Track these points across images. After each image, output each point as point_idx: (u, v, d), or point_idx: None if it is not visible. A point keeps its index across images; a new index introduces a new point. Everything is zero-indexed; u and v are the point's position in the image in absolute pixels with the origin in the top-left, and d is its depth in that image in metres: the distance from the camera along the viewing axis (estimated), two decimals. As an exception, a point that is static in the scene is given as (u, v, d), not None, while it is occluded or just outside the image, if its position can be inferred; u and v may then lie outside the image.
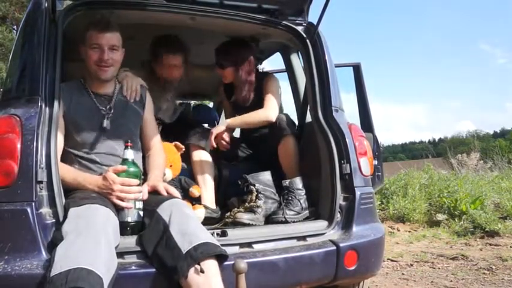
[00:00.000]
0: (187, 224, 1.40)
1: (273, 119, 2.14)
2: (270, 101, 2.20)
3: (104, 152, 1.71)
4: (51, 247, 1.29)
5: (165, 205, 1.48)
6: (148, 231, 1.45)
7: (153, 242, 1.40)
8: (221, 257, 1.36)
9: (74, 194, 1.50)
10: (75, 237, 1.24)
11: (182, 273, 1.28)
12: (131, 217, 1.53)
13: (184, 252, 1.30)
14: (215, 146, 2.14)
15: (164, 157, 1.91)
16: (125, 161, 1.60)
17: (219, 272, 1.32)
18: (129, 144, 1.62)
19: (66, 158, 1.66)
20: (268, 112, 2.16)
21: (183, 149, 2.21)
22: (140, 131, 1.88)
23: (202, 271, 1.27)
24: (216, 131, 2.13)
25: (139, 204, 1.56)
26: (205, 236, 1.38)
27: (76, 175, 1.59)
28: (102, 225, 1.32)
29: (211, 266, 1.31)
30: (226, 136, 2.20)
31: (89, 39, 1.69)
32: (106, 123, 1.71)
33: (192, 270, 1.28)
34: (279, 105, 2.25)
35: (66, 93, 1.69)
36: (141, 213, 1.56)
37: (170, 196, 1.60)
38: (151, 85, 2.31)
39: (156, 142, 1.91)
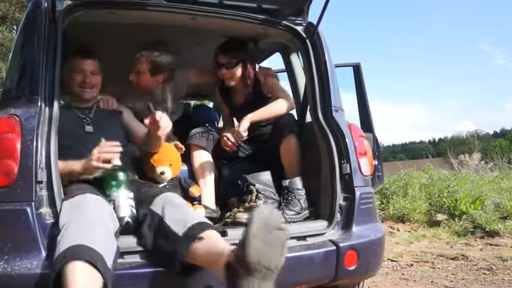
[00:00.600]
0: (179, 211, 1.45)
1: (293, 106, 2.21)
2: (283, 91, 2.25)
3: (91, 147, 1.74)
4: (51, 245, 1.29)
5: (157, 201, 1.53)
6: (144, 228, 1.47)
7: (151, 237, 1.43)
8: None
9: (66, 193, 1.51)
10: (70, 223, 1.27)
11: (182, 253, 1.30)
12: (123, 212, 1.54)
13: (180, 235, 1.34)
14: (244, 137, 2.11)
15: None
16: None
17: (218, 236, 1.36)
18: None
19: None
20: (290, 100, 2.21)
21: (183, 149, 2.21)
22: (132, 138, 2.03)
23: (202, 239, 1.30)
24: (242, 128, 2.10)
25: (131, 202, 1.59)
26: (198, 217, 1.44)
27: (71, 163, 1.63)
28: (97, 211, 1.35)
29: (211, 234, 1.35)
30: (232, 138, 2.20)
31: (73, 63, 1.88)
32: (88, 128, 1.84)
33: (194, 244, 1.30)
34: None
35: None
36: (134, 210, 1.58)
37: (161, 191, 1.64)
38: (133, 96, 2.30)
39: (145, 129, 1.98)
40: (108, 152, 1.59)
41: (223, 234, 1.55)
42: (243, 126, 2.11)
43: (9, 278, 1.25)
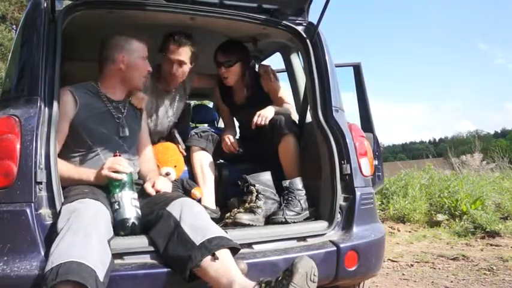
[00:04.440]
0: (198, 220, 1.43)
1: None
2: (289, 97, 2.29)
3: (113, 150, 1.72)
4: (50, 247, 1.28)
5: (175, 203, 1.51)
6: (158, 228, 1.46)
7: (165, 238, 1.42)
8: (233, 250, 1.39)
9: (67, 192, 1.51)
10: (66, 232, 1.26)
11: (196, 262, 1.30)
12: (129, 213, 1.54)
13: (197, 244, 1.33)
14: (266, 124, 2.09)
15: (155, 162, 1.97)
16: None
17: (234, 260, 1.36)
18: (117, 154, 1.66)
19: (73, 158, 1.68)
20: (293, 109, 2.25)
21: (185, 154, 2.22)
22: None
23: (217, 258, 1.31)
24: (267, 116, 2.09)
25: (136, 202, 1.58)
26: (218, 230, 1.42)
27: (81, 170, 1.64)
28: (92, 219, 1.33)
29: (226, 254, 1.35)
30: (234, 142, 2.25)
31: (137, 50, 1.79)
32: (124, 131, 1.77)
33: (207, 258, 1.31)
34: None
35: (79, 97, 1.69)
36: (139, 211, 1.57)
37: (179, 195, 1.63)
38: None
39: (148, 149, 1.95)
40: (122, 168, 1.59)
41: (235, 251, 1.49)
42: (269, 115, 2.08)
43: (8, 279, 1.24)
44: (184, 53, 2.14)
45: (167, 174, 2.02)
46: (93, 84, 1.80)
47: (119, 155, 1.66)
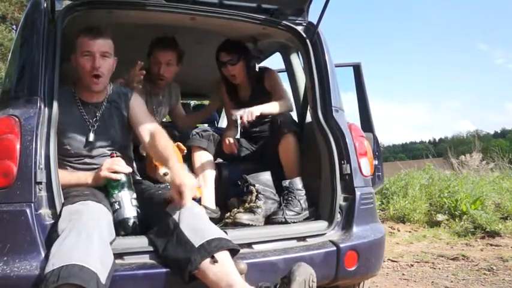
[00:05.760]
0: (197, 221, 1.43)
1: (293, 108, 2.28)
2: (285, 92, 2.29)
3: (94, 155, 1.72)
4: (50, 247, 1.28)
5: (174, 204, 1.49)
6: (157, 229, 1.46)
7: (164, 239, 1.41)
8: (232, 252, 1.39)
9: (68, 193, 1.51)
10: (68, 234, 1.25)
11: (196, 264, 1.30)
12: (129, 213, 1.54)
13: (197, 246, 1.33)
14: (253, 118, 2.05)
15: (168, 138, 1.72)
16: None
17: (233, 263, 1.35)
18: (114, 155, 1.65)
19: (60, 163, 1.64)
20: (290, 102, 2.27)
21: (185, 151, 2.22)
22: (134, 127, 1.79)
23: (216, 261, 1.30)
24: (255, 113, 2.04)
25: (135, 202, 1.58)
26: (217, 231, 1.41)
27: (78, 175, 1.63)
28: (95, 221, 1.32)
29: (225, 256, 1.34)
30: (234, 143, 2.26)
31: (80, 46, 1.66)
32: (91, 136, 1.69)
33: (206, 261, 1.30)
34: None
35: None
36: (139, 210, 1.57)
37: None
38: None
39: (154, 126, 1.78)
40: (120, 168, 1.58)
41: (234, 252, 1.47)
42: (255, 113, 2.05)
43: (8, 280, 1.24)
44: (170, 55, 2.24)
45: (165, 174, 2.02)
46: (71, 88, 1.75)
47: (116, 156, 1.65)
